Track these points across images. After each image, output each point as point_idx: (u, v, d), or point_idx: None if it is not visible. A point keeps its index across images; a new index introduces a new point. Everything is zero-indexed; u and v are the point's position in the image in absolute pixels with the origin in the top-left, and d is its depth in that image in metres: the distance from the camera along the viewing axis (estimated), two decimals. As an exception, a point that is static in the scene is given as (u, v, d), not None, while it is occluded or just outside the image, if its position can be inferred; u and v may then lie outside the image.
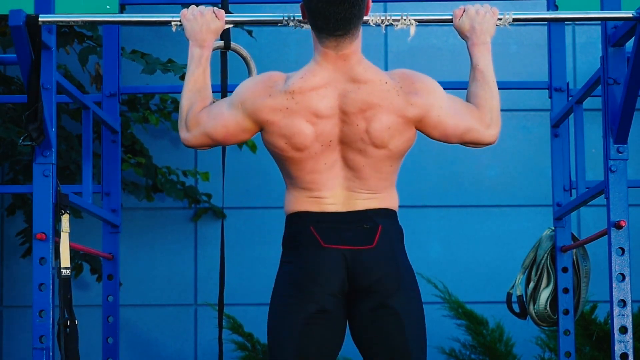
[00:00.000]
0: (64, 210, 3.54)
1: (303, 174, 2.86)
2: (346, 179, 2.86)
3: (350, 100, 2.81)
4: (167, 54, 5.69)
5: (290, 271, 2.86)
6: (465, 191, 6.31)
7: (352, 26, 2.79)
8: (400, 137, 2.85)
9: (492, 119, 2.96)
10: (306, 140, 2.82)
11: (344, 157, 2.85)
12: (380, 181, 2.88)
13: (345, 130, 2.82)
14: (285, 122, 2.82)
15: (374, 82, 2.83)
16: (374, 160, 2.85)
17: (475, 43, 3.03)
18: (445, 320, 5.84)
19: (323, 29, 2.79)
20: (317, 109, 2.81)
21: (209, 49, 3.03)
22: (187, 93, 2.97)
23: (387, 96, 2.82)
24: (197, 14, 3.04)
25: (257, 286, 6.15)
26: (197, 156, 6.32)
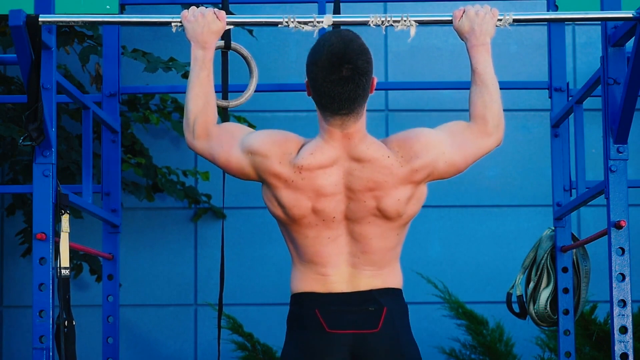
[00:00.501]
0: (64, 210, 3.54)
1: (306, 244, 2.86)
2: (351, 254, 2.86)
3: (355, 179, 2.82)
4: (167, 53, 5.69)
5: (294, 354, 2.86)
6: (465, 191, 6.31)
7: (356, 105, 2.79)
8: (413, 201, 2.88)
9: (494, 125, 2.96)
10: (303, 213, 2.83)
11: (350, 231, 2.86)
12: (387, 253, 2.87)
13: (352, 207, 2.84)
14: (286, 193, 2.83)
15: (377, 159, 2.83)
16: (383, 229, 2.86)
17: (475, 44, 3.02)
18: (445, 320, 5.84)
19: (328, 107, 2.79)
20: (321, 187, 2.82)
21: (212, 50, 3.02)
22: (193, 97, 2.96)
23: (391, 171, 2.83)
24: (198, 15, 3.04)
25: (257, 286, 6.15)
26: (197, 156, 6.32)
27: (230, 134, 2.93)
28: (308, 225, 2.84)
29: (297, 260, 2.90)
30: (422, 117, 6.29)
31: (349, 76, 2.74)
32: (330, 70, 2.73)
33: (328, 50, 2.74)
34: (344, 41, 2.75)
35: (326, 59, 2.74)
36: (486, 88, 2.97)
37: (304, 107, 6.15)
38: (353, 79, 2.74)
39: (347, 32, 2.80)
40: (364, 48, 2.77)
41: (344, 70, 2.73)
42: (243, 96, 3.43)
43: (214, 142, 2.92)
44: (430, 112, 6.29)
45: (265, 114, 6.27)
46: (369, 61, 2.77)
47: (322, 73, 2.75)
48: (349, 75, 2.73)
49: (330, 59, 2.73)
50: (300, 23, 3.19)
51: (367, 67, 2.76)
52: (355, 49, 2.75)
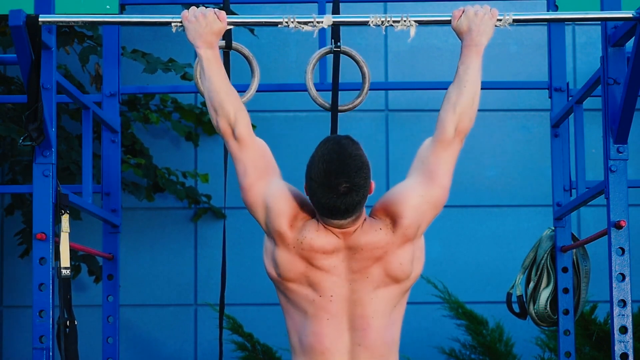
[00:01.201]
0: (63, 210, 3.54)
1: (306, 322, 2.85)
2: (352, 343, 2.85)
3: (357, 262, 2.84)
4: (167, 53, 5.69)
5: None
6: (465, 191, 6.31)
7: (356, 211, 2.81)
8: (416, 259, 2.90)
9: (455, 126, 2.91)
10: (295, 276, 2.83)
11: (351, 315, 2.85)
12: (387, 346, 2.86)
13: (356, 287, 2.85)
14: (285, 255, 2.84)
15: (373, 240, 2.84)
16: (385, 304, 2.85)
17: (468, 44, 3.01)
18: (445, 320, 5.84)
19: (326, 213, 2.80)
20: (318, 264, 2.84)
21: (217, 49, 3.03)
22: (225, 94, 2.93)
23: (387, 241, 2.84)
24: (199, 15, 3.04)
25: (257, 286, 6.15)
26: (197, 157, 6.32)
27: (265, 164, 2.93)
28: (305, 299, 2.84)
29: (298, 350, 2.88)
30: (422, 117, 6.29)
31: (346, 193, 2.75)
32: (326, 187, 2.74)
33: (325, 167, 2.75)
34: (341, 156, 2.76)
35: (323, 176, 2.75)
36: (457, 86, 2.94)
37: (304, 107, 6.15)
38: (350, 195, 2.75)
39: (346, 142, 2.79)
40: (362, 162, 2.77)
41: (341, 188, 2.74)
42: (245, 95, 3.44)
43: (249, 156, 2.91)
44: (430, 112, 6.29)
45: (265, 114, 6.27)
46: (367, 176, 2.78)
47: (319, 190, 2.76)
48: (345, 192, 2.75)
49: (327, 177, 2.74)
50: (300, 23, 3.20)
51: (364, 183, 2.77)
52: (352, 165, 2.75)
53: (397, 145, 6.34)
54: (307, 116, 6.22)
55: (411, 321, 2.94)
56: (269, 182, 2.89)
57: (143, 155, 5.98)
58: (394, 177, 6.21)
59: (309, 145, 2.92)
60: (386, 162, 6.31)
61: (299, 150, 6.01)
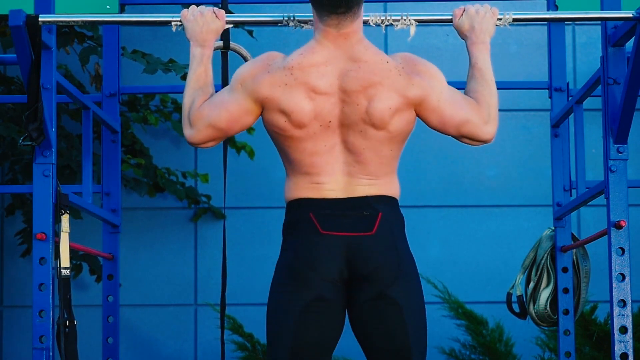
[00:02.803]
0: (64, 210, 3.54)
1: (303, 157, 2.84)
2: (346, 163, 2.85)
3: (350, 79, 2.81)
4: (167, 53, 5.69)
5: (289, 259, 2.85)
6: (465, 191, 6.31)
7: (354, 3, 2.80)
8: (400, 118, 2.84)
9: (490, 115, 2.95)
10: (305, 117, 2.81)
11: (344, 140, 2.84)
12: (381, 166, 2.86)
13: (346, 111, 2.82)
14: (284, 98, 2.81)
15: (375, 60, 2.83)
16: (374, 142, 2.83)
17: (475, 42, 3.03)
18: (445, 320, 5.83)
19: (325, 5, 2.80)
20: (316, 85, 2.81)
21: (210, 48, 3.03)
22: (189, 91, 2.97)
23: (388, 75, 2.82)
24: (198, 14, 3.05)
25: (257, 286, 6.15)
26: (197, 157, 6.32)
27: (217, 95, 2.92)
28: (307, 135, 2.82)
29: (292, 173, 2.88)
30: (422, 117, 6.29)
31: None
32: None
33: None
34: None
35: None
36: (485, 82, 2.97)
37: (304, 107, 6.14)
38: None
39: None
40: None
41: None
42: (243, 96, 3.43)
43: (207, 113, 2.89)
44: (430, 112, 6.28)
45: (265, 114, 6.26)
46: None
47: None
48: None
49: None
50: (300, 22, 3.20)
51: None
52: None
53: (397, 145, 6.33)
54: (307, 116, 6.21)
55: (411, 321, 2.93)
56: (228, 87, 2.89)
57: (143, 155, 5.97)
58: (394, 177, 6.20)
59: (308, 145, 2.91)
60: (386, 162, 6.30)
61: (299, 150, 6.02)
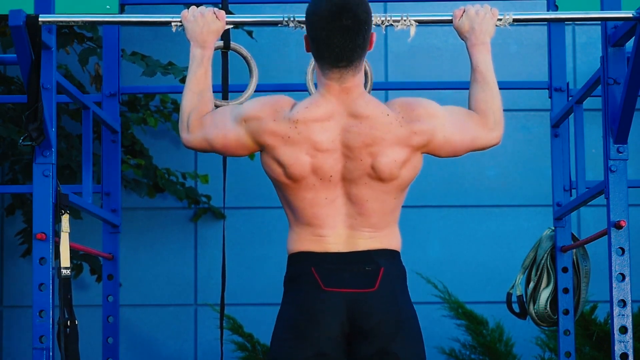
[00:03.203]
0: (64, 210, 3.54)
1: (303, 205, 2.84)
2: (348, 215, 2.84)
3: (353, 135, 2.80)
4: (167, 55, 5.69)
5: (290, 313, 2.85)
6: (465, 191, 6.32)
7: (355, 57, 2.79)
8: (408, 166, 2.84)
9: (495, 121, 2.96)
10: (303, 171, 2.81)
11: (347, 193, 2.83)
12: (384, 217, 2.85)
13: (349, 166, 2.81)
14: (283, 151, 2.81)
15: (376, 115, 2.81)
16: (379, 193, 2.83)
17: (475, 43, 3.03)
18: (445, 320, 5.84)
19: (327, 59, 2.79)
20: (318, 141, 2.80)
21: (211, 49, 3.03)
22: (188, 94, 2.96)
23: (390, 129, 2.81)
24: (198, 15, 3.04)
25: (257, 286, 6.15)
26: (197, 157, 6.32)
27: (221, 113, 2.92)
28: (306, 186, 2.82)
29: (294, 223, 2.88)
30: (422, 117, 6.29)
31: (349, 25, 2.74)
32: (330, 18, 2.74)
33: (328, 4, 2.76)
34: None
35: (326, 8, 2.75)
36: (488, 85, 2.98)
37: (304, 107, 6.14)
38: (353, 28, 2.75)
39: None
40: (363, 0, 2.78)
41: (344, 19, 2.74)
42: (243, 96, 3.43)
43: (208, 128, 2.90)
44: (430, 112, 6.28)
45: (265, 114, 6.26)
46: (369, 13, 2.78)
47: (322, 22, 2.75)
48: (349, 24, 2.74)
49: (331, 8, 2.74)
50: (300, 22, 3.20)
51: (367, 18, 2.77)
52: (355, 1, 2.76)
53: (397, 145, 6.33)
54: (307, 116, 6.20)
55: (411, 321, 2.93)
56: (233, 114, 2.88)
57: (143, 155, 5.97)
58: (394, 177, 6.20)
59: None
60: (386, 162, 6.31)
61: (299, 150, 6.01)
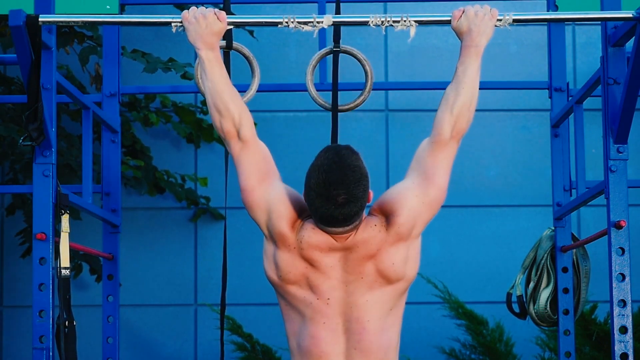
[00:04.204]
0: (64, 210, 3.54)
1: (303, 325, 2.86)
2: (347, 348, 2.85)
3: (351, 261, 2.85)
4: (167, 53, 5.69)
5: None
6: (465, 191, 6.32)
7: (353, 221, 2.82)
8: (410, 261, 2.89)
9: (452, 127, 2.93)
10: (296, 278, 2.84)
11: (347, 320, 2.85)
12: (383, 341, 2.85)
13: (351, 289, 2.85)
14: (286, 255, 2.85)
15: (367, 235, 2.85)
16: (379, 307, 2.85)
17: (467, 45, 3.02)
18: (445, 320, 5.84)
19: (323, 222, 2.82)
20: (317, 262, 2.84)
21: (218, 50, 3.03)
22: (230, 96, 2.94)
23: (380, 239, 2.85)
24: (199, 16, 3.04)
25: (257, 287, 6.15)
26: (197, 158, 6.32)
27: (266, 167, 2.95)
28: (303, 301, 2.85)
29: (297, 354, 2.89)
30: (422, 117, 6.29)
31: (344, 204, 2.77)
32: (325, 197, 2.76)
33: (324, 177, 2.77)
34: (341, 167, 2.77)
35: (322, 186, 2.76)
36: (456, 87, 2.95)
37: (304, 107, 6.15)
38: (348, 206, 2.77)
39: (347, 152, 2.81)
40: (361, 174, 2.79)
41: (340, 199, 2.76)
42: (245, 96, 3.43)
43: (253, 158, 2.93)
44: (430, 112, 6.25)
45: (265, 114, 6.27)
46: (366, 188, 2.80)
47: (317, 199, 2.78)
48: (344, 202, 2.77)
49: (326, 187, 2.76)
50: (300, 23, 3.20)
51: (363, 195, 2.79)
52: (352, 177, 2.77)
53: (397, 145, 6.34)
54: (307, 116, 6.21)
55: (411, 321, 2.94)
56: (271, 185, 2.91)
57: (143, 156, 5.97)
58: (394, 177, 6.21)
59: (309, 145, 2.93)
60: (386, 162, 6.31)
61: (299, 150, 6.01)
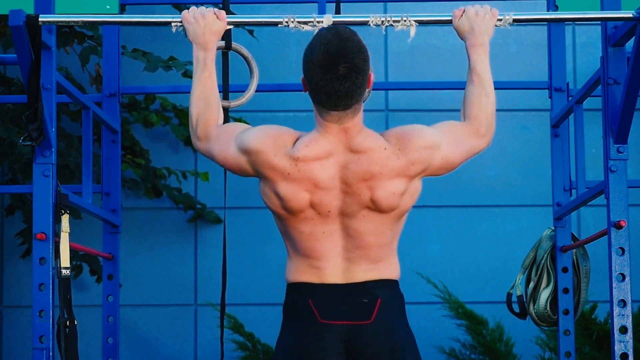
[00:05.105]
0: (63, 210, 3.54)
1: (301, 239, 2.86)
2: (346, 249, 2.85)
3: (351, 172, 2.82)
4: (167, 53, 5.69)
5: (289, 344, 2.85)
6: (465, 191, 6.31)
7: (353, 102, 2.79)
8: (407, 195, 2.86)
9: (487, 127, 2.97)
10: (301, 206, 2.83)
11: (345, 227, 2.84)
12: (382, 249, 2.86)
13: (348, 201, 2.83)
14: (283, 185, 2.83)
15: (374, 150, 2.82)
16: (377, 224, 2.84)
17: (474, 44, 3.03)
18: (445, 320, 5.84)
19: (324, 104, 2.80)
20: (317, 179, 2.82)
21: (213, 50, 3.04)
22: (196, 99, 2.98)
23: (387, 162, 2.82)
24: (199, 16, 3.05)
25: (257, 286, 6.15)
26: (197, 159, 6.31)
27: (227, 132, 2.94)
28: (304, 219, 2.84)
29: (292, 254, 2.90)
30: (422, 117, 6.29)
31: (345, 74, 2.74)
32: (326, 68, 2.75)
33: (324, 48, 2.76)
34: (340, 39, 2.77)
35: (322, 58, 2.76)
36: (484, 89, 2.98)
37: (303, 107, 6.15)
38: (349, 77, 2.75)
39: (343, 29, 2.81)
40: (360, 45, 2.78)
41: (340, 68, 2.74)
42: (244, 96, 3.43)
43: (213, 143, 2.94)
44: (430, 112, 6.29)
45: (265, 114, 6.27)
46: (366, 59, 2.78)
47: (318, 71, 2.76)
48: (345, 73, 2.74)
49: (327, 58, 2.75)
50: (300, 23, 3.20)
51: (363, 65, 2.77)
52: (351, 47, 2.76)
53: (397, 145, 6.33)
54: (307, 116, 6.18)
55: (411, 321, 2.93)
56: (237, 140, 2.89)
57: (143, 157, 5.97)
58: (394, 177, 6.20)
59: (309, 145, 2.91)
60: (386, 162, 6.31)
61: (299, 150, 6.01)
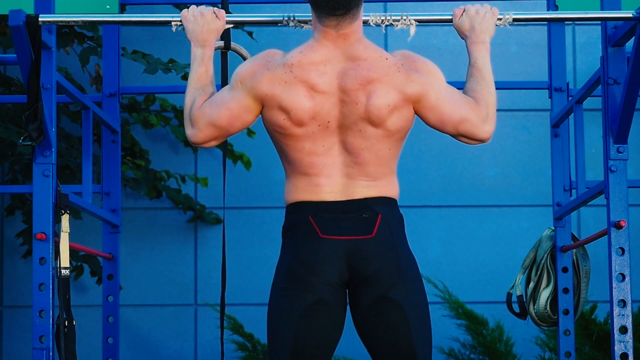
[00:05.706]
0: (64, 210, 3.54)
1: (301, 156, 2.85)
2: (345, 164, 2.85)
3: (349, 78, 2.82)
4: (167, 54, 5.69)
5: (289, 263, 2.86)
6: (465, 191, 6.31)
7: (352, 5, 2.81)
8: (398, 115, 2.85)
9: (488, 114, 2.94)
10: (305, 114, 2.82)
11: (343, 141, 2.84)
12: (380, 167, 2.87)
13: (345, 111, 2.82)
14: (284, 95, 2.82)
15: (374, 58, 2.83)
16: (372, 141, 2.84)
17: (475, 41, 3.03)
18: (445, 320, 5.84)
19: (323, 7, 2.81)
20: (315, 83, 2.82)
21: (211, 48, 3.04)
22: (190, 91, 2.98)
23: (387, 72, 2.82)
24: (198, 15, 3.06)
25: (257, 286, 6.15)
26: (197, 160, 6.31)
27: (217, 94, 2.94)
28: (305, 135, 2.83)
29: (291, 174, 2.89)
30: (422, 117, 6.29)
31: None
32: None
33: None
34: None
35: None
36: (484, 81, 2.97)
37: (304, 107, 6.14)
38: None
39: None
40: None
41: None
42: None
43: (209, 111, 2.90)
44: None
45: (265, 114, 6.26)
46: None
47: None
48: None
49: None
50: (300, 22, 3.20)
51: None
52: None
53: (397, 145, 6.33)
54: (307, 116, 6.21)
55: (411, 321, 2.93)
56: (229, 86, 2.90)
57: (142, 158, 5.97)
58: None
59: (309, 145, 2.91)
60: (386, 162, 6.31)
61: (299, 150, 6.01)
